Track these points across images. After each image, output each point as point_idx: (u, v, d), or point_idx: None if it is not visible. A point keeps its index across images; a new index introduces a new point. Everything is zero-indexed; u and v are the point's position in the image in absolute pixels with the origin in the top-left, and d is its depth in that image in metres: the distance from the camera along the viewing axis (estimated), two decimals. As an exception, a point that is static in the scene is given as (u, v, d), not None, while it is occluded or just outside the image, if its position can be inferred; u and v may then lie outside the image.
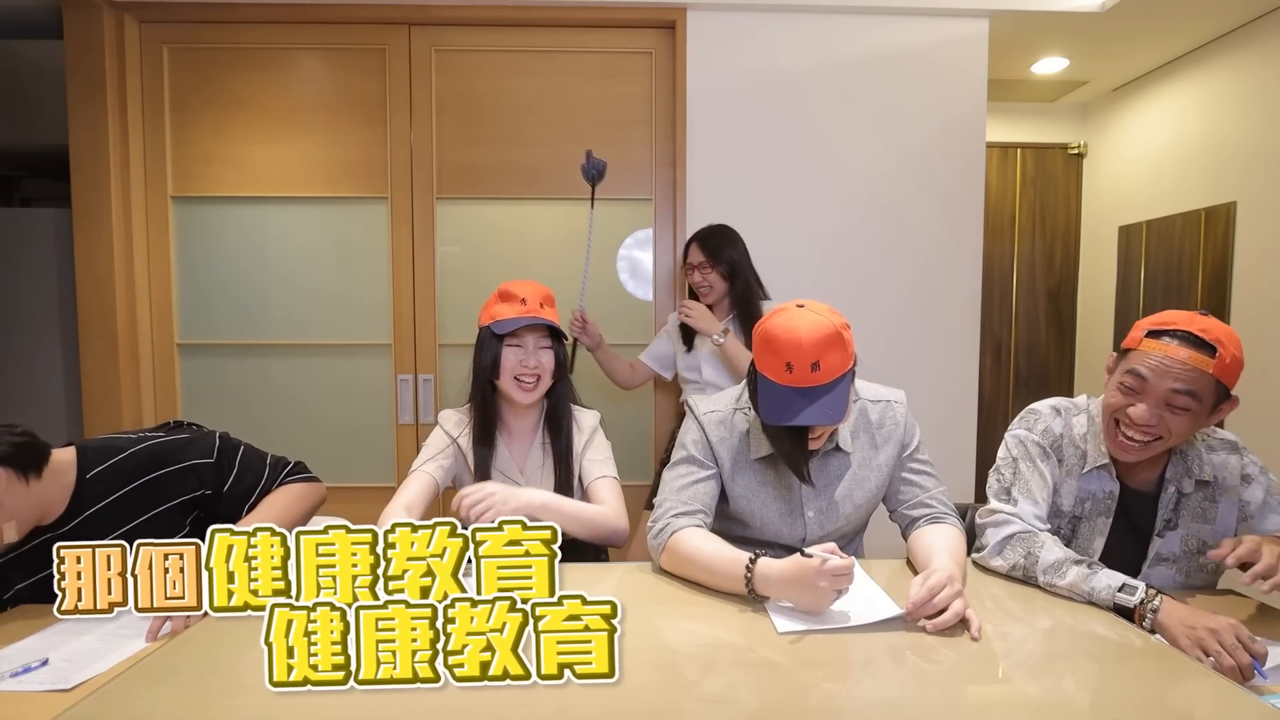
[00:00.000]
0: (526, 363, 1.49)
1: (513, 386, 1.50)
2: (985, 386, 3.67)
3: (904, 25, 2.58)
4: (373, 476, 2.63)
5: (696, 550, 1.23)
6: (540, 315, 1.49)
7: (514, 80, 2.58)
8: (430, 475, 1.49)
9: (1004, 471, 1.37)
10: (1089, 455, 1.33)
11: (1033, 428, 1.38)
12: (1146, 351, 1.22)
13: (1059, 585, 1.19)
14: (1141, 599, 1.11)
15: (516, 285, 1.52)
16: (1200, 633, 1.03)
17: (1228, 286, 2.83)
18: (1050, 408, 1.40)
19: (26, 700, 0.94)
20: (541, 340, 1.52)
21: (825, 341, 1.17)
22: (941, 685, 0.93)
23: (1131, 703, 0.89)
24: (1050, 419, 1.37)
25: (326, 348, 2.64)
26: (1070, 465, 1.34)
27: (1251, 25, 2.74)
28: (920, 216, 2.64)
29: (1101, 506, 1.32)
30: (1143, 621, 1.10)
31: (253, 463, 1.40)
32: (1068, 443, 1.35)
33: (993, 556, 1.30)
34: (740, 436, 1.39)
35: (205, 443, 1.37)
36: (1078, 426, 1.36)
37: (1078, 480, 1.33)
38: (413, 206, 2.58)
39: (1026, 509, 1.31)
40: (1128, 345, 1.27)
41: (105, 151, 2.42)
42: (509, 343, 1.50)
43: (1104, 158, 3.64)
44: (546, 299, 1.53)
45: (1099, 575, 1.16)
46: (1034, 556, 1.23)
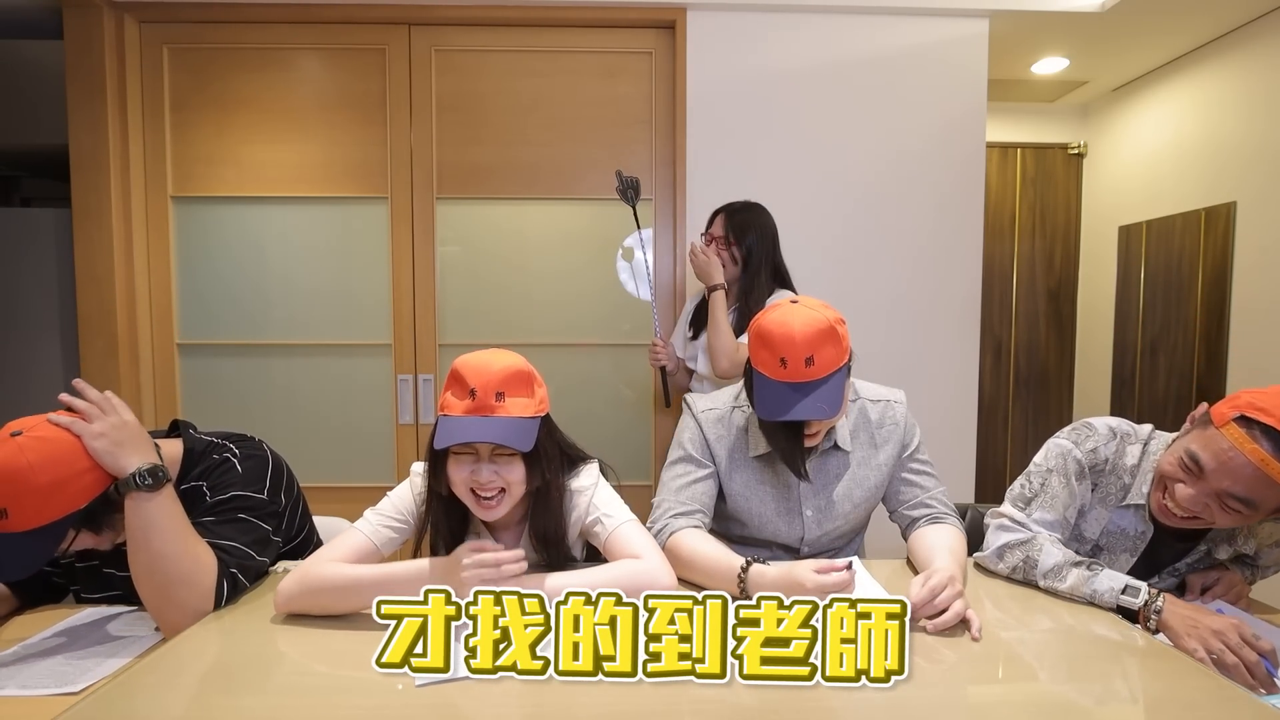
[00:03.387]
0: (479, 479, 1.12)
1: (471, 502, 1.15)
2: (985, 386, 3.68)
3: (904, 25, 2.58)
4: (373, 476, 2.63)
5: (693, 552, 1.23)
6: (492, 413, 1.09)
7: (514, 80, 2.58)
8: (372, 543, 1.18)
9: (1033, 480, 1.30)
10: (1131, 490, 1.26)
11: (1081, 444, 1.29)
12: (1221, 435, 1.10)
13: (1060, 589, 1.18)
14: (1146, 600, 1.10)
15: (470, 366, 1.12)
16: (1204, 631, 1.02)
17: (1228, 286, 2.83)
18: (1108, 428, 1.30)
19: (27, 700, 0.94)
20: (499, 446, 1.11)
21: (819, 336, 1.18)
22: (941, 685, 0.92)
23: (1132, 703, 0.89)
24: (1103, 441, 1.28)
25: (326, 348, 2.64)
26: (1107, 493, 1.28)
27: (1251, 25, 2.74)
28: (920, 216, 2.64)
29: (1128, 544, 1.28)
30: (1147, 622, 1.09)
31: (233, 532, 1.19)
32: (1111, 470, 1.27)
33: (994, 561, 1.28)
34: (738, 434, 1.39)
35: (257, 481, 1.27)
36: (1130, 456, 1.27)
37: (1110, 511, 1.28)
38: (413, 206, 2.58)
39: (1038, 526, 1.26)
40: (1215, 418, 1.12)
41: (105, 152, 2.42)
42: (456, 450, 1.13)
43: (1104, 158, 3.64)
44: (508, 381, 1.11)
45: (1100, 577, 1.15)
46: (1032, 560, 1.21)
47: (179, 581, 1.08)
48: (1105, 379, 3.61)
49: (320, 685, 0.92)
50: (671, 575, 1.15)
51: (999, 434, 3.79)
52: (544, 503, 1.21)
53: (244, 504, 1.23)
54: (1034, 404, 3.81)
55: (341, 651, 1.00)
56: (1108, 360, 3.59)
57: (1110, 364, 3.58)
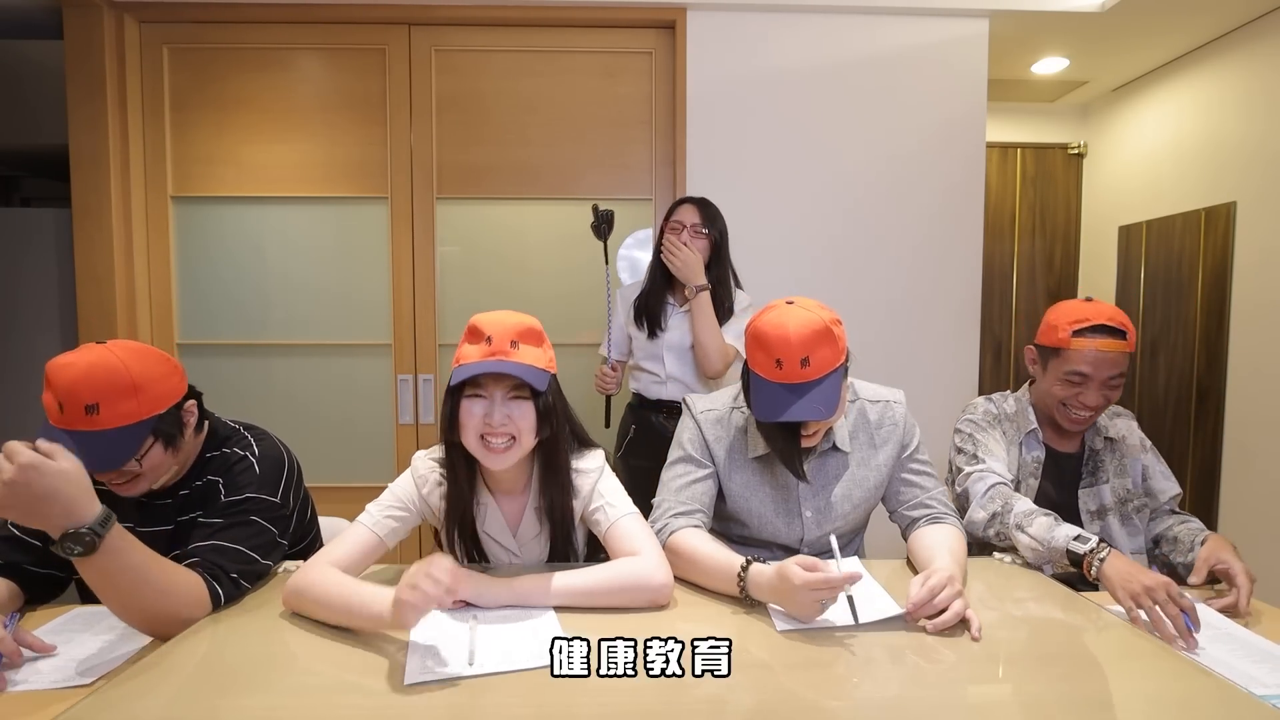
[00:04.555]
0: (491, 419, 1.15)
1: (479, 448, 1.18)
2: (985, 386, 3.67)
3: (904, 25, 2.59)
4: (373, 476, 2.63)
5: (694, 552, 1.23)
6: (507, 358, 1.15)
7: (514, 80, 2.59)
8: (375, 534, 1.19)
9: (964, 447, 1.55)
10: (1020, 425, 1.58)
11: (973, 411, 1.60)
12: (1080, 350, 1.45)
13: (1027, 531, 1.32)
14: (1091, 548, 1.23)
15: (486, 318, 1.19)
16: (1135, 586, 1.13)
17: (1228, 286, 2.83)
18: (983, 398, 1.64)
19: (27, 700, 0.94)
20: (513, 389, 1.17)
21: (814, 337, 1.18)
22: (941, 685, 0.92)
23: (1132, 703, 0.89)
24: (985, 404, 1.62)
25: (326, 348, 2.64)
26: (1008, 437, 1.57)
27: (1251, 25, 2.74)
28: (920, 216, 2.64)
29: (1030, 468, 1.55)
30: (1090, 570, 1.22)
31: (242, 535, 1.19)
32: (1004, 418, 1.59)
33: (976, 509, 1.43)
34: (737, 435, 1.39)
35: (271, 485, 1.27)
36: (1009, 405, 1.61)
37: (1014, 448, 1.56)
38: (413, 206, 2.58)
39: (996, 465, 1.48)
40: (1056, 345, 1.49)
41: (105, 152, 2.43)
42: (469, 393, 1.17)
43: (1104, 158, 3.64)
44: (523, 334, 1.18)
45: (1061, 526, 1.29)
46: (1009, 506, 1.38)
47: (164, 614, 1.06)
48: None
49: (320, 685, 0.92)
50: (667, 573, 1.15)
51: (999, 434, 3.79)
52: (550, 473, 1.24)
53: (256, 506, 1.23)
54: (1034, 404, 3.81)
55: (342, 651, 1.00)
56: (1108, 360, 3.59)
57: (1110, 364, 3.57)
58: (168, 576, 1.06)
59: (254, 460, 1.28)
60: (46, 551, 1.22)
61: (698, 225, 2.03)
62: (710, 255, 2.03)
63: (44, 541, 1.22)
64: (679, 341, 2.06)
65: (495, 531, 1.30)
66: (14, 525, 1.24)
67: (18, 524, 1.22)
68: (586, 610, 1.12)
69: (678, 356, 2.06)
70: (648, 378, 2.12)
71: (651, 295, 2.09)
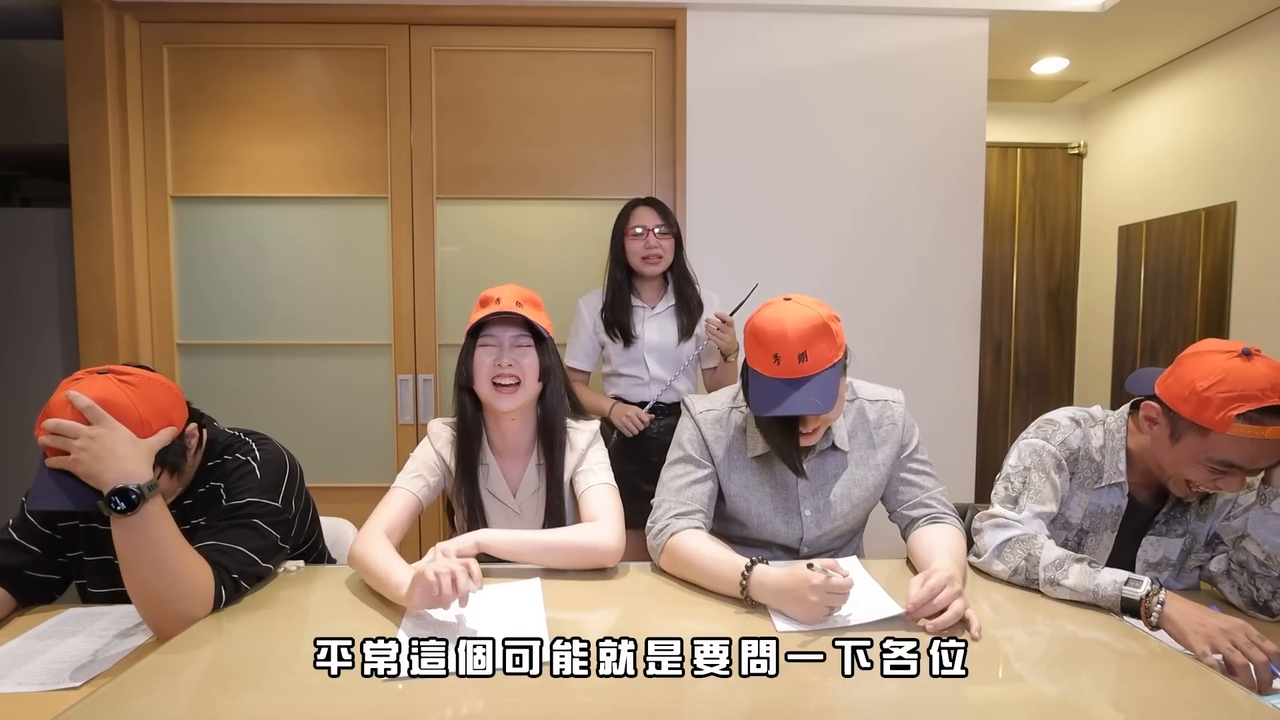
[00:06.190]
0: (501, 362, 1.37)
1: (490, 391, 1.38)
2: (985, 386, 3.68)
3: (904, 25, 2.59)
4: (373, 476, 2.63)
5: (695, 553, 1.23)
6: (515, 311, 1.38)
7: (514, 80, 2.59)
8: (412, 494, 1.37)
9: (1014, 480, 1.33)
10: (1105, 471, 1.32)
11: (1050, 439, 1.34)
12: (1239, 439, 1.13)
13: (1063, 584, 1.16)
14: (1147, 591, 1.10)
15: (495, 289, 1.42)
16: (1211, 630, 1.02)
17: (1228, 286, 2.83)
18: (1069, 419, 1.36)
19: (23, 701, 0.94)
20: (520, 338, 1.39)
21: (811, 333, 1.19)
22: (941, 685, 0.92)
23: (1132, 703, 0.89)
24: (1069, 431, 1.34)
25: (326, 348, 2.64)
26: (1084, 478, 1.33)
27: (1251, 25, 2.74)
28: (920, 216, 2.64)
29: (1108, 521, 1.33)
30: (1149, 616, 1.08)
31: (243, 538, 1.20)
32: (1084, 456, 1.33)
33: (993, 561, 1.27)
34: (736, 434, 1.39)
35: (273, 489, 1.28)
36: (1095, 439, 1.34)
37: (1089, 494, 1.33)
38: (413, 206, 2.58)
39: (1030, 520, 1.28)
40: (1209, 426, 1.14)
41: (105, 152, 2.43)
42: (482, 342, 1.39)
43: (1104, 158, 3.64)
44: (527, 299, 1.42)
45: (1102, 571, 1.15)
46: (1034, 558, 1.21)
47: (172, 599, 1.07)
48: (1105, 379, 3.61)
49: (320, 685, 0.92)
50: (620, 542, 1.29)
51: (999, 434, 3.79)
52: (548, 431, 1.43)
53: (258, 510, 1.23)
54: (1034, 404, 3.81)
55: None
56: (1107, 360, 3.59)
57: (1110, 364, 3.58)
58: (187, 562, 1.10)
59: (255, 465, 1.28)
60: (44, 556, 1.24)
61: (662, 227, 2.06)
62: (676, 247, 2.09)
63: (42, 547, 1.24)
64: (659, 343, 2.08)
65: (498, 490, 1.45)
66: (13, 529, 1.25)
67: (16, 529, 1.24)
68: (583, 611, 1.12)
69: (659, 358, 2.08)
70: (628, 381, 2.12)
71: (616, 306, 2.08)
